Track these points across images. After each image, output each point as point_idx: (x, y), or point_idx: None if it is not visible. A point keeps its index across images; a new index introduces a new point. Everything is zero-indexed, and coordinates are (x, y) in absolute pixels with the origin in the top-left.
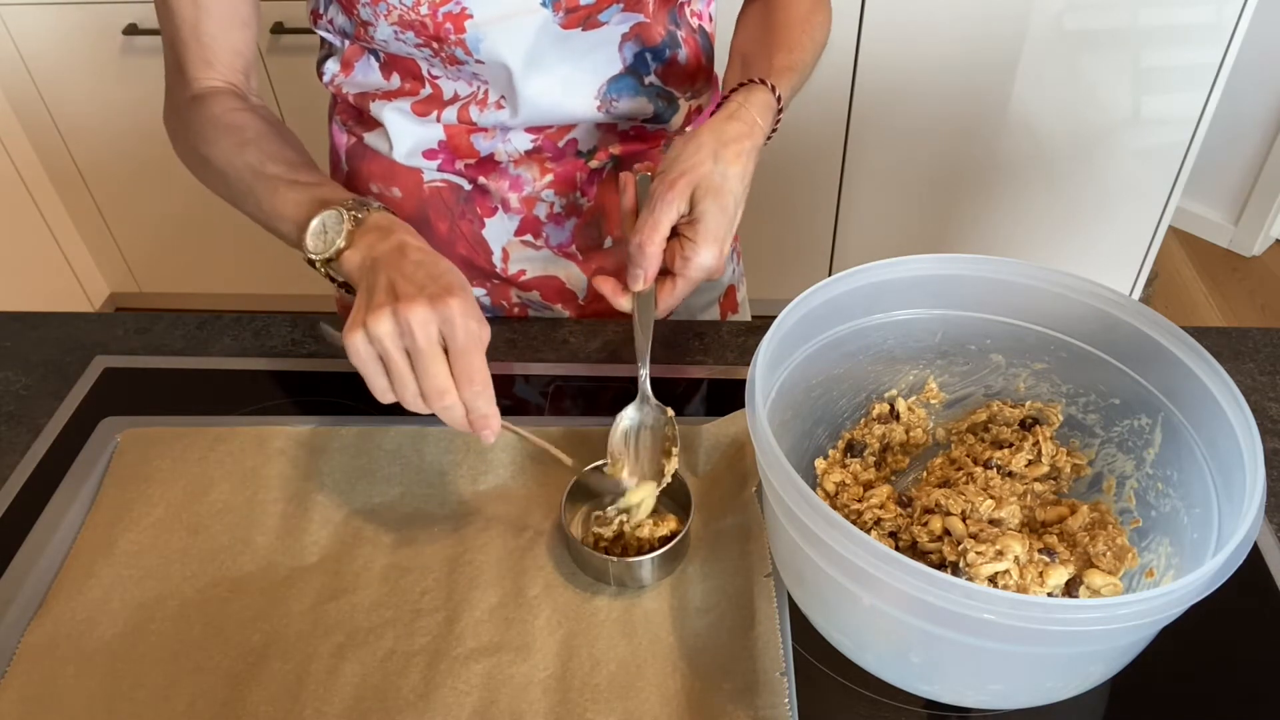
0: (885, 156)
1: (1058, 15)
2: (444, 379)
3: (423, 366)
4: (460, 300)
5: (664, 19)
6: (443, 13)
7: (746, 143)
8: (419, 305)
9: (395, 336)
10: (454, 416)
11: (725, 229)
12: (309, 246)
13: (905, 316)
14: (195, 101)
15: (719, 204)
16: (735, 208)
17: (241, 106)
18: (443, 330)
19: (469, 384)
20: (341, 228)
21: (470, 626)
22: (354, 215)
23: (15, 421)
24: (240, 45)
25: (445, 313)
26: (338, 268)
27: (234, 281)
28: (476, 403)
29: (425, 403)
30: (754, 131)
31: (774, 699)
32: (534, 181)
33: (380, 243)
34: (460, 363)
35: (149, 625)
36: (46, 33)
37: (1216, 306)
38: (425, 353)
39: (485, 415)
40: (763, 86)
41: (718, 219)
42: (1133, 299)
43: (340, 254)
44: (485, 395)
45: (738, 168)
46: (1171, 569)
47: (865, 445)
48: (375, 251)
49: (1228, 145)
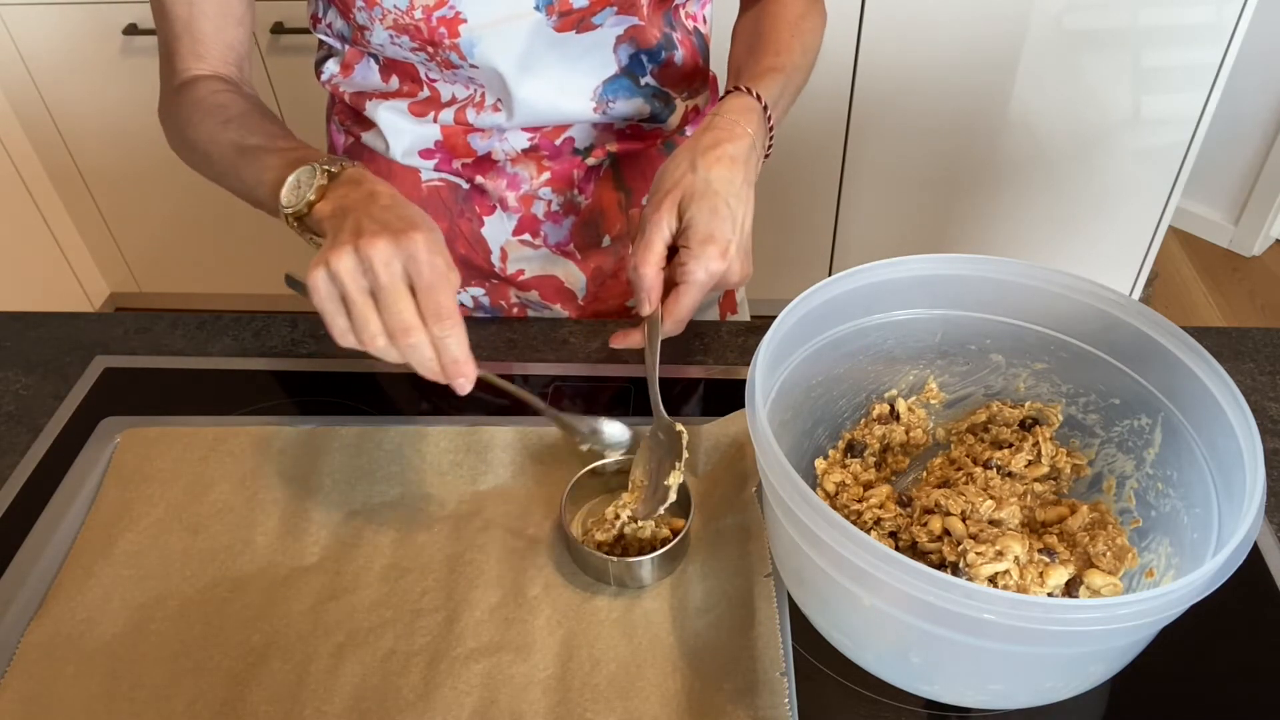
0: (885, 156)
1: (1058, 15)
2: (409, 315)
3: (386, 302)
4: (425, 235)
5: (659, 21)
6: (436, 17)
7: (726, 146)
8: (381, 240)
9: (357, 273)
10: (422, 357)
11: (720, 230)
12: (283, 201)
13: (905, 316)
14: (183, 88)
15: (706, 206)
16: (730, 208)
17: (226, 88)
18: (407, 267)
19: (436, 320)
20: (314, 181)
21: (470, 626)
22: (327, 170)
23: (15, 421)
24: (233, 41)
25: (409, 248)
26: (311, 222)
27: (234, 281)
28: (446, 342)
29: (391, 342)
30: (735, 134)
31: (774, 699)
32: (531, 180)
33: (351, 193)
34: (427, 299)
35: (149, 625)
36: (46, 33)
37: (1216, 306)
38: (388, 288)
39: (457, 359)
40: (738, 92)
41: (708, 221)
42: (1133, 299)
43: (311, 206)
44: (456, 336)
45: (720, 170)
46: (1171, 569)
47: (865, 446)
48: (346, 200)
49: (1228, 145)
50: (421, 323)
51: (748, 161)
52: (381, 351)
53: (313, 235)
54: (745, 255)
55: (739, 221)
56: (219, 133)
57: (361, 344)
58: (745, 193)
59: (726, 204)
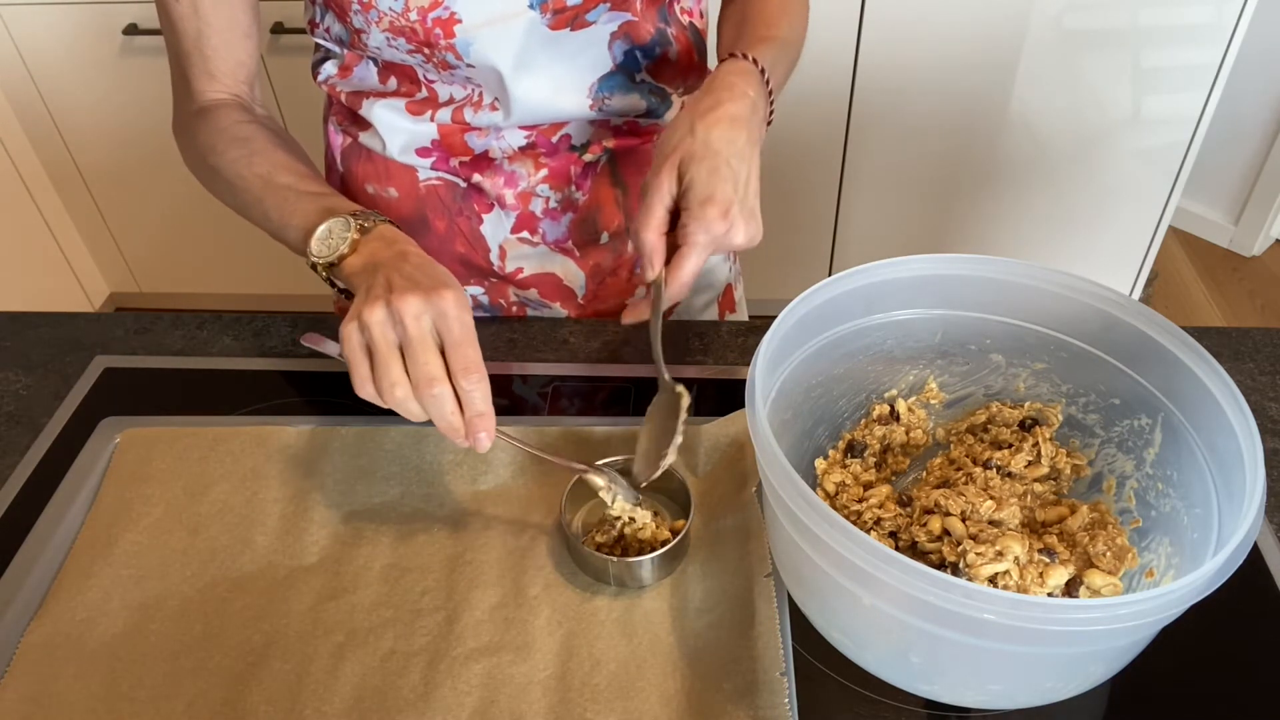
0: (885, 156)
1: (1058, 15)
2: (436, 367)
3: (413, 354)
4: (455, 294)
5: (653, 17)
6: (431, 18)
7: (727, 106)
8: (412, 295)
9: (386, 325)
10: (444, 411)
11: (721, 189)
12: (314, 250)
13: (905, 316)
14: (202, 114)
15: (706, 167)
16: (731, 168)
17: (248, 119)
18: (437, 323)
19: (465, 374)
20: (347, 235)
21: (470, 626)
22: (360, 224)
23: (15, 421)
24: (243, 56)
25: (440, 305)
26: (339, 273)
27: (234, 281)
28: (472, 395)
29: (414, 393)
30: (735, 94)
31: (774, 699)
32: (528, 177)
33: (383, 250)
34: (456, 353)
35: (149, 625)
36: (46, 33)
37: (1216, 306)
38: (416, 340)
39: (482, 413)
40: (733, 58)
41: (707, 181)
42: (1133, 299)
43: (343, 259)
44: (481, 390)
45: (720, 130)
46: (1171, 569)
47: (865, 446)
48: (377, 257)
49: (1228, 145)
50: (446, 376)
51: (750, 121)
52: (400, 404)
53: (333, 280)
54: (751, 216)
55: (741, 181)
56: (244, 166)
57: (380, 395)
58: (748, 152)
59: (728, 164)
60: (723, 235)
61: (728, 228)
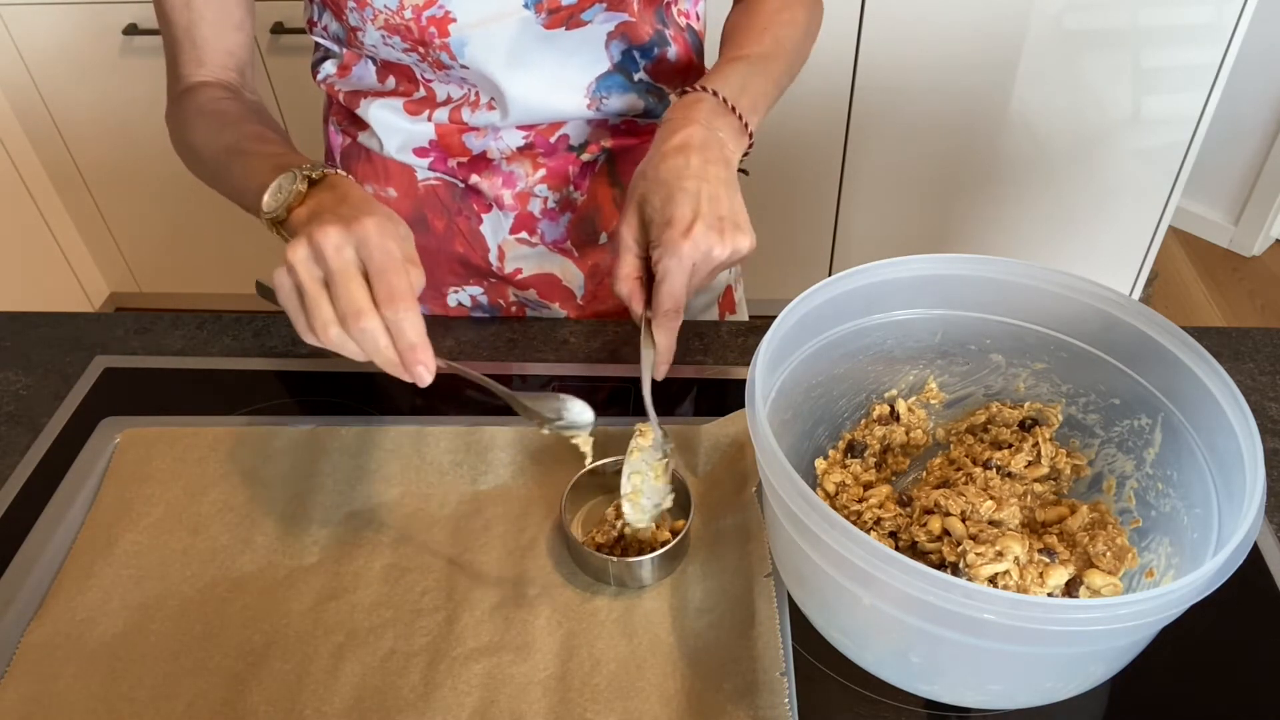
0: (885, 156)
1: (1058, 15)
2: (361, 298)
3: (335, 288)
4: (376, 221)
5: (650, 18)
6: (426, 16)
7: (671, 140)
8: (332, 228)
9: (310, 261)
10: (376, 344)
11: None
12: (264, 205)
13: (905, 316)
14: (186, 94)
15: (659, 197)
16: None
17: (227, 96)
18: (359, 252)
19: (389, 303)
20: (294, 187)
21: (470, 626)
22: (308, 175)
23: (15, 421)
24: (233, 46)
25: (359, 233)
26: (290, 227)
27: (234, 281)
28: (401, 325)
29: (344, 329)
30: (679, 126)
31: (774, 699)
32: (526, 177)
33: (328, 199)
34: (380, 282)
35: (149, 625)
36: (46, 33)
37: (1216, 306)
38: (338, 273)
39: (414, 344)
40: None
41: (662, 209)
42: (1133, 299)
43: (291, 211)
44: (411, 320)
45: (669, 162)
46: (1171, 569)
47: (866, 446)
48: (320, 205)
49: (1228, 145)
50: (375, 308)
51: (704, 145)
52: (336, 343)
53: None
54: (725, 226)
55: (703, 198)
56: (214, 137)
57: (315, 335)
58: (705, 170)
59: (681, 189)
60: (697, 253)
61: (693, 244)
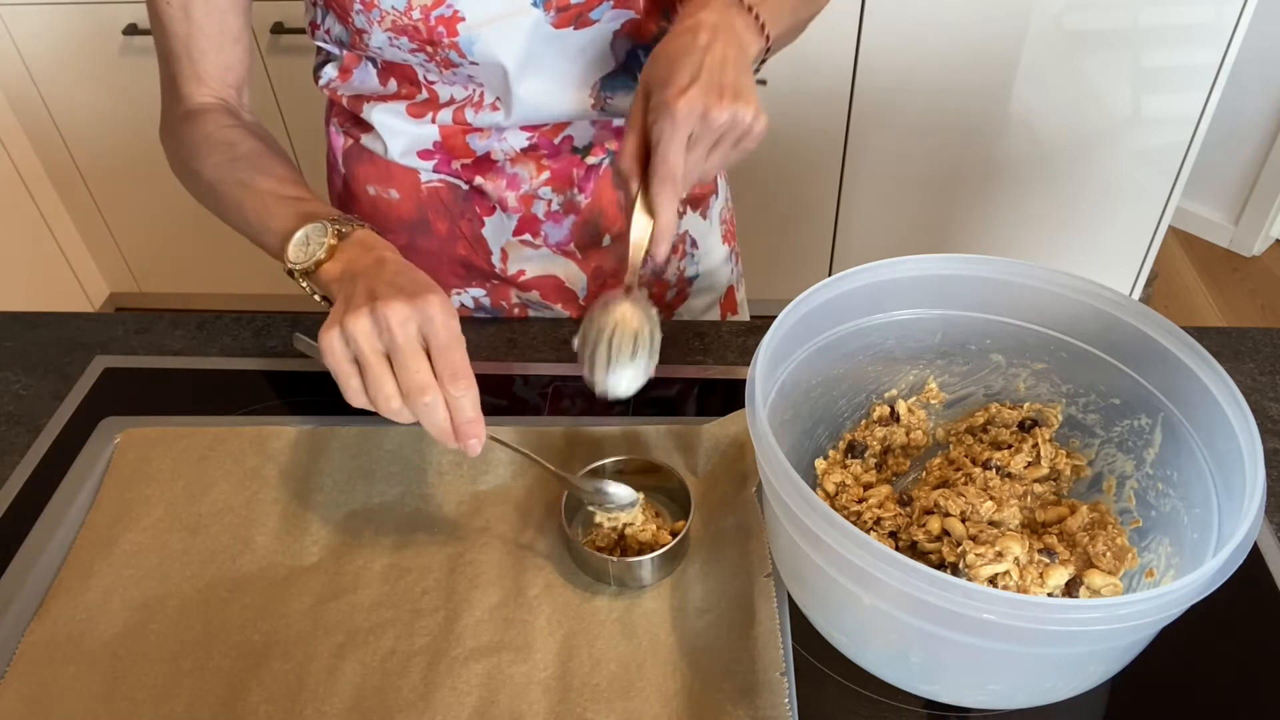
0: (885, 156)
1: (1058, 15)
2: (425, 375)
3: (402, 362)
4: (439, 299)
5: (656, 15)
6: (434, 16)
7: (676, 27)
8: (398, 302)
9: (373, 335)
10: (436, 418)
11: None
12: (290, 256)
13: (905, 316)
14: (188, 118)
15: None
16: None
17: (233, 123)
18: (423, 329)
19: (453, 380)
20: (324, 240)
21: (470, 626)
22: (337, 229)
23: (15, 421)
24: (232, 61)
25: (425, 310)
26: (316, 280)
27: (234, 281)
28: (461, 402)
29: (405, 402)
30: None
31: (774, 699)
32: (531, 179)
33: (360, 257)
34: (443, 359)
35: (149, 625)
36: (46, 33)
37: (1216, 306)
38: (404, 349)
39: (470, 420)
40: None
41: (664, 79)
42: (1133, 299)
43: (319, 265)
44: (470, 396)
45: (673, 44)
46: (1171, 569)
47: (866, 447)
48: (354, 265)
49: (1228, 145)
50: (436, 383)
51: (715, 26)
52: (395, 414)
53: (314, 289)
54: (728, 92)
55: (704, 65)
56: (225, 170)
57: (375, 405)
58: (713, 45)
59: (685, 58)
60: (692, 114)
61: (687, 104)
